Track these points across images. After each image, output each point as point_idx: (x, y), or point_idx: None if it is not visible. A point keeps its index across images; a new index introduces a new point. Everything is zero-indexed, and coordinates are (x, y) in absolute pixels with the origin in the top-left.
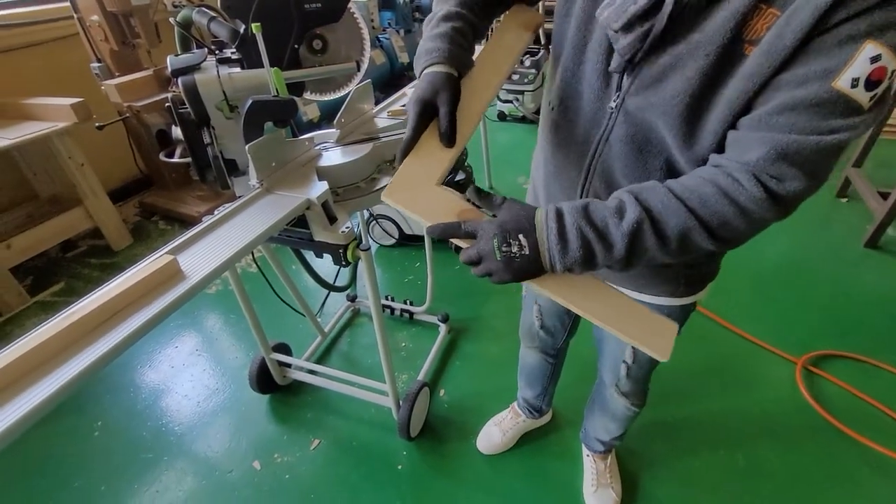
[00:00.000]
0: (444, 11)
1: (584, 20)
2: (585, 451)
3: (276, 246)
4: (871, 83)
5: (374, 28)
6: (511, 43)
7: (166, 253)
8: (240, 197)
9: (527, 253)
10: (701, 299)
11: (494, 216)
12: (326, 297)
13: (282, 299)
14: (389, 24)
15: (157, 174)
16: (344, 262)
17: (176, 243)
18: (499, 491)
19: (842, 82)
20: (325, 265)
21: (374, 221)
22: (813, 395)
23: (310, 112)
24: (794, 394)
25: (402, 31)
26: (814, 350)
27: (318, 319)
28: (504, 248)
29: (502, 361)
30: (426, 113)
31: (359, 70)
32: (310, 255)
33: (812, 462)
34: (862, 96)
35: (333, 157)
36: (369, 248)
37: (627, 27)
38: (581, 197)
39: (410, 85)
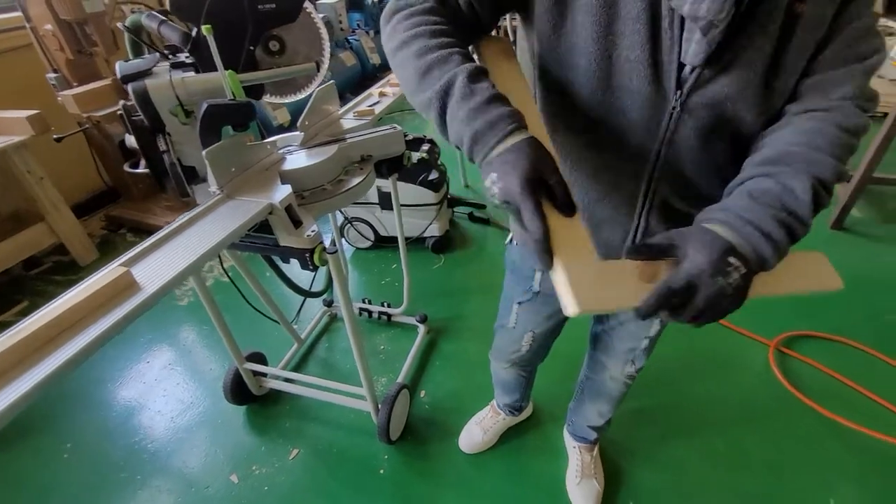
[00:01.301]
0: (465, 70)
1: (603, 30)
2: (573, 444)
3: (247, 254)
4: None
5: (342, 30)
6: (510, 69)
7: (120, 265)
8: (199, 205)
9: (743, 271)
10: None
11: (675, 256)
12: (302, 304)
13: (254, 308)
14: (358, 25)
15: (122, 186)
16: (311, 267)
17: (130, 254)
18: (482, 490)
19: (878, 7)
20: (302, 271)
21: (349, 224)
22: (786, 375)
23: (280, 116)
24: (768, 375)
25: (371, 32)
26: (786, 332)
27: (295, 326)
28: (728, 280)
29: (482, 360)
30: (537, 192)
31: (319, 71)
32: (285, 262)
33: (787, 442)
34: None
35: (298, 160)
36: (336, 252)
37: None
38: (644, 208)
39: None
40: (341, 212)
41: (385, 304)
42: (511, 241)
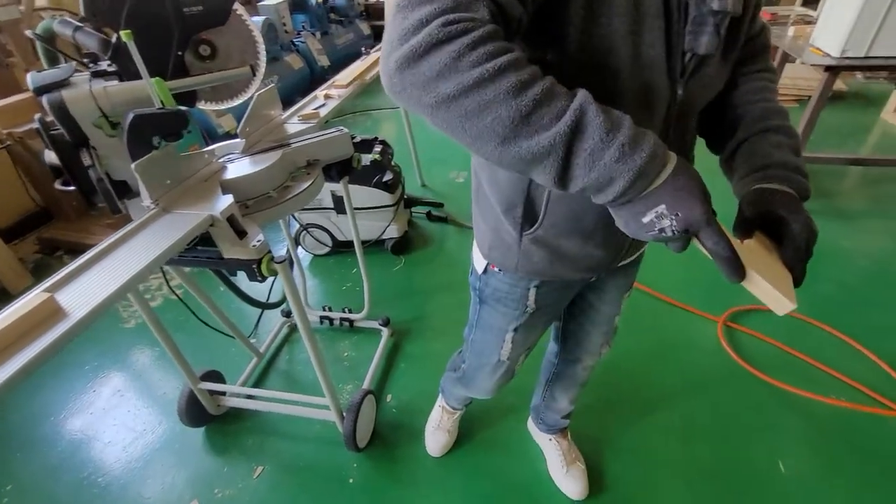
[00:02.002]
0: (586, 99)
1: (630, 29)
2: (547, 438)
3: (197, 269)
4: None
5: (287, 32)
6: None
7: (43, 290)
8: (134, 221)
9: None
10: None
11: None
12: (260, 316)
13: (207, 324)
14: (304, 27)
15: (55, 205)
16: (259, 278)
17: (56, 279)
18: (455, 488)
19: None
20: (264, 282)
21: (304, 231)
22: (734, 349)
23: (225, 123)
24: (718, 350)
25: (318, 34)
26: (732, 307)
27: (253, 340)
28: (811, 217)
29: (446, 357)
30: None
31: (255, 75)
32: (232, 275)
33: (738, 411)
34: None
35: (239, 168)
36: (285, 260)
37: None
38: None
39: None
40: (296, 219)
41: (346, 310)
42: (486, 270)
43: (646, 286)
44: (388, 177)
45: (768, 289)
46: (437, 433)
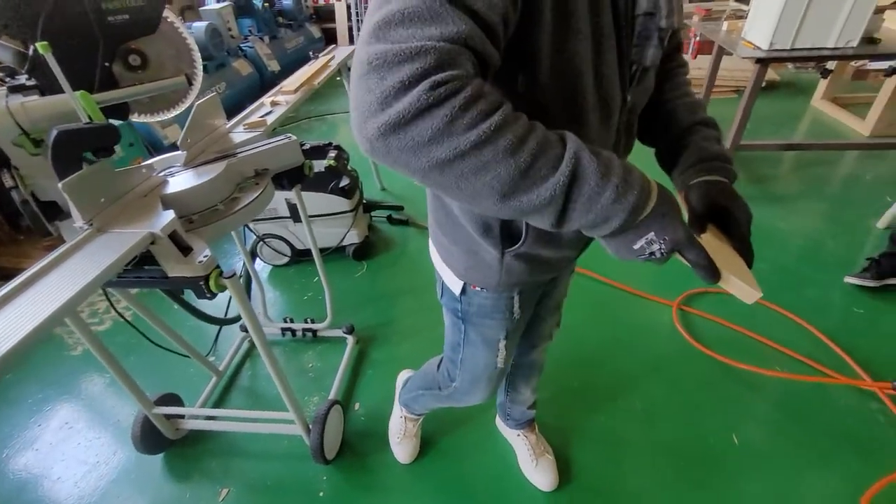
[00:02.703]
0: (578, 146)
1: (594, 49)
2: (515, 433)
3: (146, 289)
4: None
5: (233, 37)
6: None
7: None
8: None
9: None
10: None
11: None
12: (218, 333)
13: (159, 346)
14: (250, 31)
15: None
16: (207, 295)
17: None
18: (427, 490)
19: None
20: (220, 298)
21: (261, 242)
22: (688, 330)
23: (171, 135)
24: (673, 333)
25: (266, 38)
26: (685, 291)
27: (212, 359)
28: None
29: (413, 360)
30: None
31: (192, 84)
32: (178, 294)
33: (693, 390)
34: None
35: (182, 181)
36: (235, 275)
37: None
38: None
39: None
40: (251, 230)
41: (309, 320)
42: (464, 291)
43: (603, 276)
44: (344, 182)
45: (738, 284)
46: (403, 442)
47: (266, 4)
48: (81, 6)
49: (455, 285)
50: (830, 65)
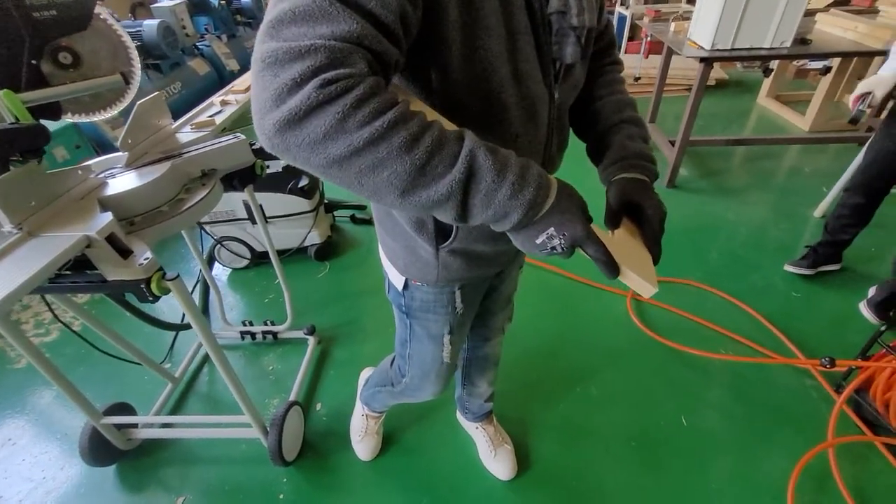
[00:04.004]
0: (474, 143)
1: (507, 47)
2: (474, 426)
3: (96, 297)
4: None
5: (188, 35)
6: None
7: None
8: None
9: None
10: None
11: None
12: (174, 340)
13: (108, 354)
14: (207, 29)
15: None
16: (150, 299)
17: None
18: (389, 486)
19: None
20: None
21: (220, 245)
22: (641, 319)
23: (120, 136)
24: (626, 322)
25: (224, 37)
26: None
27: (168, 366)
28: (661, 201)
29: (376, 358)
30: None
31: (128, 83)
32: (118, 298)
33: (645, 375)
34: None
35: (123, 183)
36: (178, 277)
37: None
38: None
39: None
40: (207, 232)
41: (269, 322)
42: (406, 286)
43: (559, 268)
44: (303, 182)
45: (636, 279)
46: (365, 440)
47: (223, 2)
48: (3, 2)
49: (398, 281)
50: (773, 64)
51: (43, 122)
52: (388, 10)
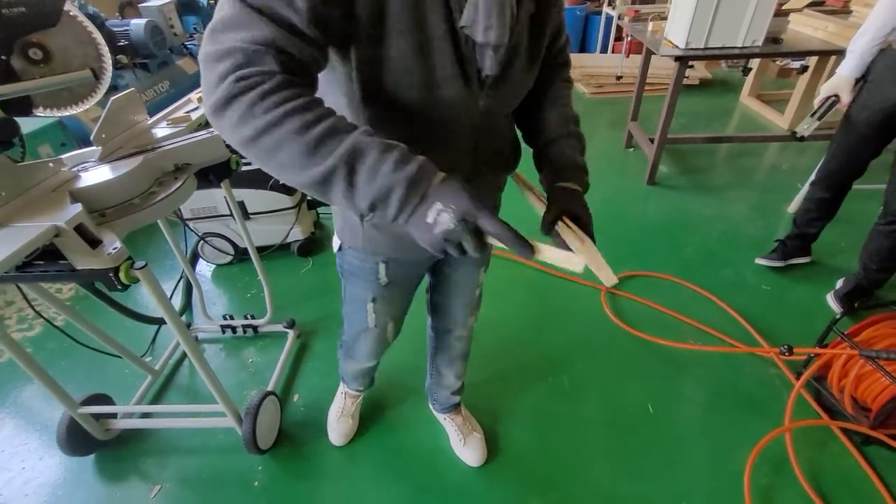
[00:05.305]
0: (365, 129)
1: (418, 52)
2: (443, 417)
3: (81, 294)
4: None
5: (176, 35)
6: None
7: None
8: None
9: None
10: None
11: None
12: (156, 333)
13: (87, 346)
14: (196, 28)
15: None
16: (119, 287)
17: None
18: (361, 474)
19: None
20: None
21: (203, 241)
22: (615, 312)
23: None
24: (600, 314)
25: None
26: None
27: (149, 359)
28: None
29: None
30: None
31: (98, 78)
32: (87, 287)
33: (616, 366)
34: None
35: (95, 176)
36: (146, 266)
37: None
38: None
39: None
40: (191, 229)
41: (249, 316)
42: (341, 247)
43: (537, 263)
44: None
45: (562, 256)
46: (340, 421)
47: (211, 2)
48: None
49: (335, 242)
50: (752, 64)
51: (24, 121)
52: (299, 16)
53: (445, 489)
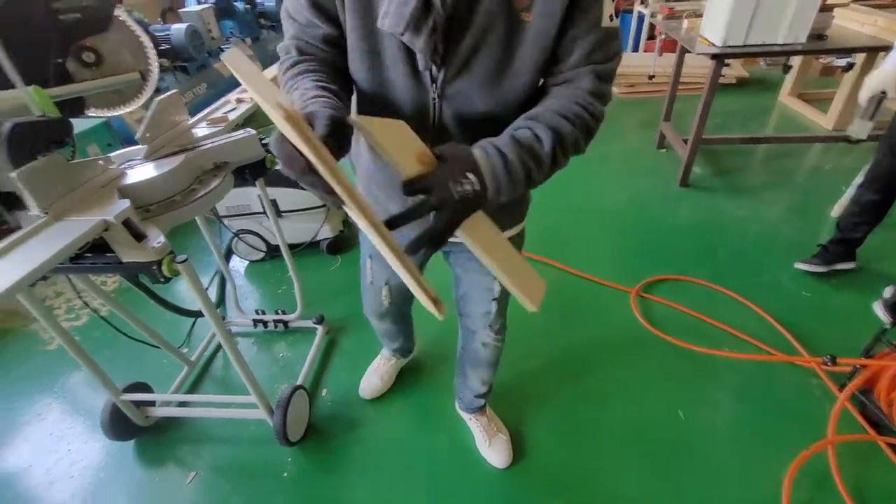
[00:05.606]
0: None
1: (365, 36)
2: (468, 417)
3: (125, 286)
4: (616, 13)
5: (213, 38)
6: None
7: None
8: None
9: (477, 188)
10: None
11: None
12: (192, 326)
13: (129, 336)
14: (232, 33)
15: None
16: (161, 280)
17: None
18: (387, 468)
19: (606, 21)
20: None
21: (237, 238)
22: (644, 315)
23: None
24: (629, 318)
25: (248, 40)
26: (644, 279)
27: (185, 350)
28: (459, 189)
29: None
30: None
31: (145, 80)
32: (132, 280)
33: (645, 370)
34: (615, 23)
35: (140, 173)
36: (187, 259)
37: (415, 29)
38: None
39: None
40: (226, 226)
41: (280, 311)
42: None
43: (563, 264)
44: None
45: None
46: (371, 376)
47: (247, 6)
48: (32, 6)
49: None
50: (792, 61)
51: (74, 121)
52: (301, 17)
53: (470, 489)
